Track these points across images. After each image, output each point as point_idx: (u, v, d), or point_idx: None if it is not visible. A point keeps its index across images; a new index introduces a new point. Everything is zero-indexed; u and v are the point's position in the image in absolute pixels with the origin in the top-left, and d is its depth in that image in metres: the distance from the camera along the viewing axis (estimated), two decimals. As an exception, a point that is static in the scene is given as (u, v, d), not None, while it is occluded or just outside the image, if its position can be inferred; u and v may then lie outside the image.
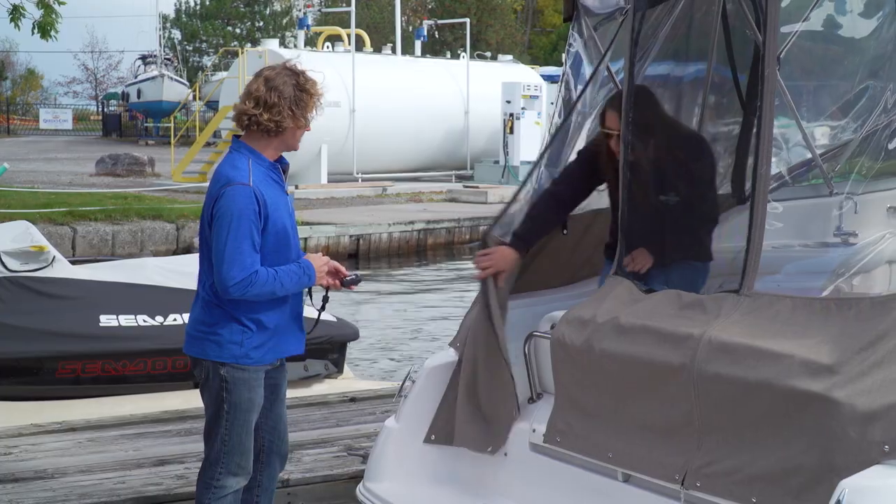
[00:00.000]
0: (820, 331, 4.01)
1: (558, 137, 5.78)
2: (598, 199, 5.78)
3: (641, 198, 5.04)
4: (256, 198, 4.77)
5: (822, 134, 6.06)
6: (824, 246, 5.47)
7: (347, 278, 5.15)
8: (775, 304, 4.24)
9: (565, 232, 5.71)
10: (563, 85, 6.00)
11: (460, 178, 34.25)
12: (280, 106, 4.80)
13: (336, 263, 5.17)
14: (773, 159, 5.67)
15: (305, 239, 20.05)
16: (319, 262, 5.02)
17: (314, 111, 4.94)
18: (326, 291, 5.18)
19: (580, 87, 5.86)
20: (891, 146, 4.90)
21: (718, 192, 5.88)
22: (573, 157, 5.66)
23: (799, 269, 5.10)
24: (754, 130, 4.59)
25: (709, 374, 4.17)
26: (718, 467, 4.15)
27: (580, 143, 5.83)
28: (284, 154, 5.07)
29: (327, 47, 37.03)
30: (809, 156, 5.94)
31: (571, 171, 5.61)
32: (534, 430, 5.05)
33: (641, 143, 5.09)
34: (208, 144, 34.07)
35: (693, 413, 4.25)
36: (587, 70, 6.00)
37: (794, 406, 3.88)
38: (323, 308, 5.28)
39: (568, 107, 5.86)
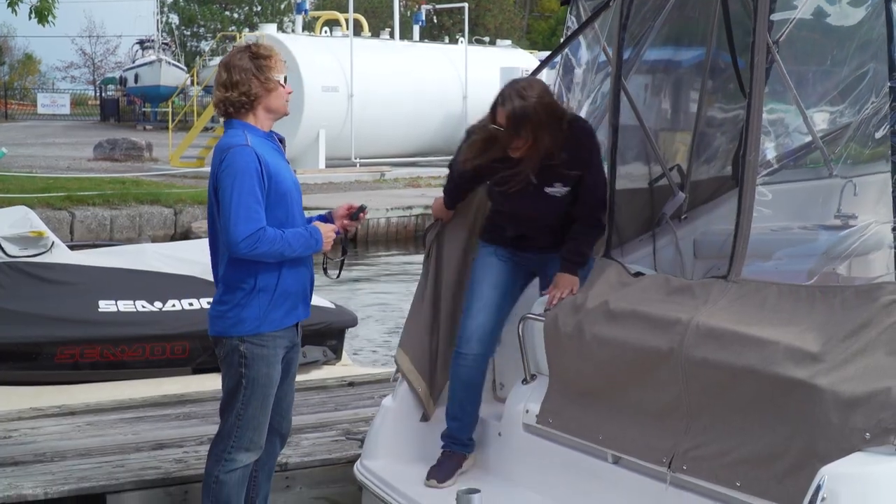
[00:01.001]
0: (805, 318, 4.05)
1: None
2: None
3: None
4: (257, 157, 4.91)
5: (817, 118, 6.07)
6: (824, 229, 5.48)
7: (354, 212, 5.27)
8: (762, 290, 4.29)
9: None
10: (562, 69, 6.00)
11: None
12: (244, 79, 5.00)
13: (341, 210, 5.29)
14: (772, 143, 5.69)
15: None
16: (326, 228, 5.14)
17: (281, 71, 5.10)
18: (345, 235, 5.31)
19: (578, 72, 5.87)
20: (878, 134, 4.91)
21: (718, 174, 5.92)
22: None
23: (790, 253, 5.13)
24: (743, 117, 4.61)
25: (696, 360, 4.22)
26: (705, 451, 4.20)
27: None
28: (280, 130, 5.26)
29: (325, 32, 36.95)
30: (807, 139, 5.95)
31: None
32: (527, 411, 5.12)
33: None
34: (206, 129, 34.08)
35: (681, 398, 4.31)
36: (585, 55, 6.01)
37: (779, 392, 3.92)
38: (345, 252, 5.39)
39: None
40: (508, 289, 5.40)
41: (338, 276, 5.44)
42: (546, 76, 6.15)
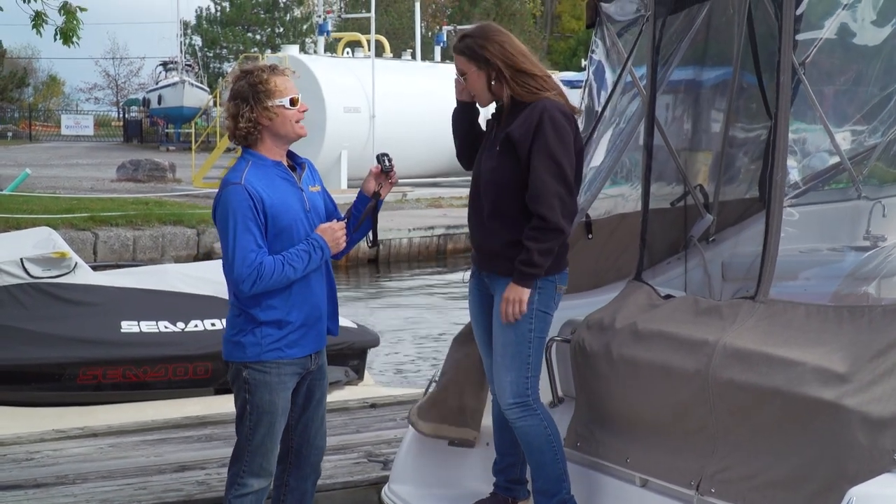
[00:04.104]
0: (833, 338, 4.02)
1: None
2: (623, 203, 5.75)
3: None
4: (249, 194, 4.86)
5: (842, 139, 6.04)
6: (852, 250, 5.44)
7: (384, 167, 5.30)
8: (789, 311, 4.26)
9: (590, 237, 5.67)
10: (587, 92, 5.98)
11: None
12: (243, 110, 4.92)
13: (370, 179, 5.33)
14: (799, 164, 5.66)
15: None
16: (328, 231, 5.05)
17: (285, 94, 4.97)
18: (377, 201, 5.30)
19: (604, 95, 5.84)
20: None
21: (745, 196, 5.87)
22: None
23: (818, 274, 5.10)
24: (771, 138, 4.59)
25: (723, 381, 4.20)
26: (733, 473, 4.17)
27: (601, 150, 5.80)
28: (302, 151, 5.24)
29: (347, 53, 37.06)
30: (832, 161, 5.91)
31: None
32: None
33: None
34: (229, 150, 34.09)
35: (708, 419, 4.28)
36: (609, 77, 5.98)
37: (807, 413, 3.89)
38: (375, 219, 5.38)
39: (591, 114, 5.85)
40: (490, 324, 5.04)
41: (371, 246, 5.47)
42: (574, 97, 6.13)
